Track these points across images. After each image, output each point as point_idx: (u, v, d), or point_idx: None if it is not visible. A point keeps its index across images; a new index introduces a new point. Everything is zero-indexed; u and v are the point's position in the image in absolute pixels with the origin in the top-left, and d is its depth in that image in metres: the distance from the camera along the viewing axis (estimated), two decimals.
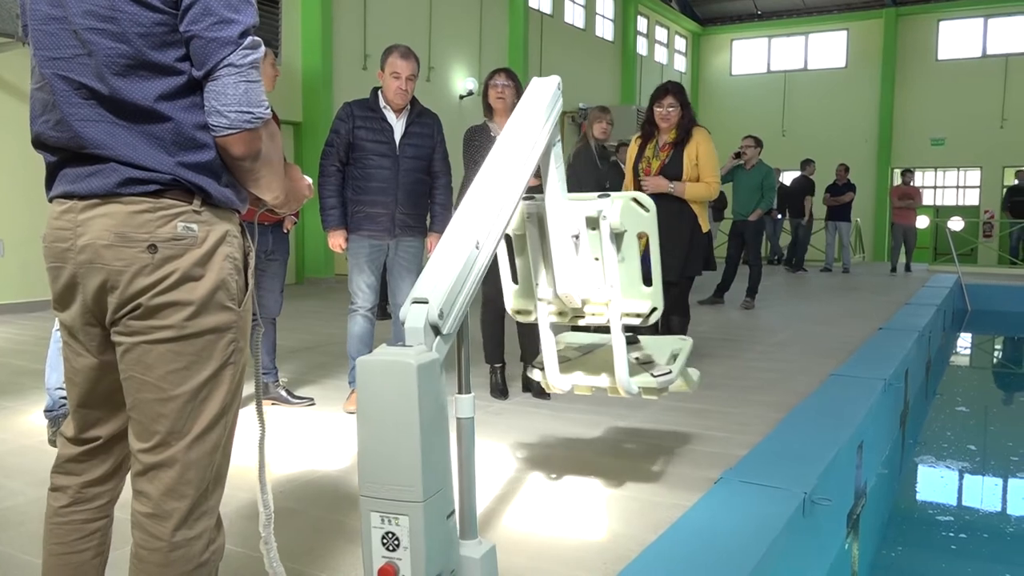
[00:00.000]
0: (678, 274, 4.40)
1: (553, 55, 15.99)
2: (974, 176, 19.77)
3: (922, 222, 13.16)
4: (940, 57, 19.87)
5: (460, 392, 1.80)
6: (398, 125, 3.87)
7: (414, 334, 1.60)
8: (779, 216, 13.55)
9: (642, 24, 20.05)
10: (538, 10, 15.89)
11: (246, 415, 1.73)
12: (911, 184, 13.21)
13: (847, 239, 13.54)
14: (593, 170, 5.44)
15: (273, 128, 1.45)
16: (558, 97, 2.36)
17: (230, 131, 1.38)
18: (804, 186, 12.94)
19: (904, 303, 8.51)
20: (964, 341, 10.09)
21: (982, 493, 4.52)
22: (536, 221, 2.58)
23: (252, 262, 1.53)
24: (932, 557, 3.63)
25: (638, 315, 2.54)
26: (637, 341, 2.95)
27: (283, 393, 4.07)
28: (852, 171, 13.42)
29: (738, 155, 8.48)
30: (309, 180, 1.71)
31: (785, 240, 14.30)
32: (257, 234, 1.93)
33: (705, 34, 22.64)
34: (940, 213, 18.34)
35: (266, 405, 3.87)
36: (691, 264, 4.47)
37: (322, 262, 10.80)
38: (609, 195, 2.48)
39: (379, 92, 3.90)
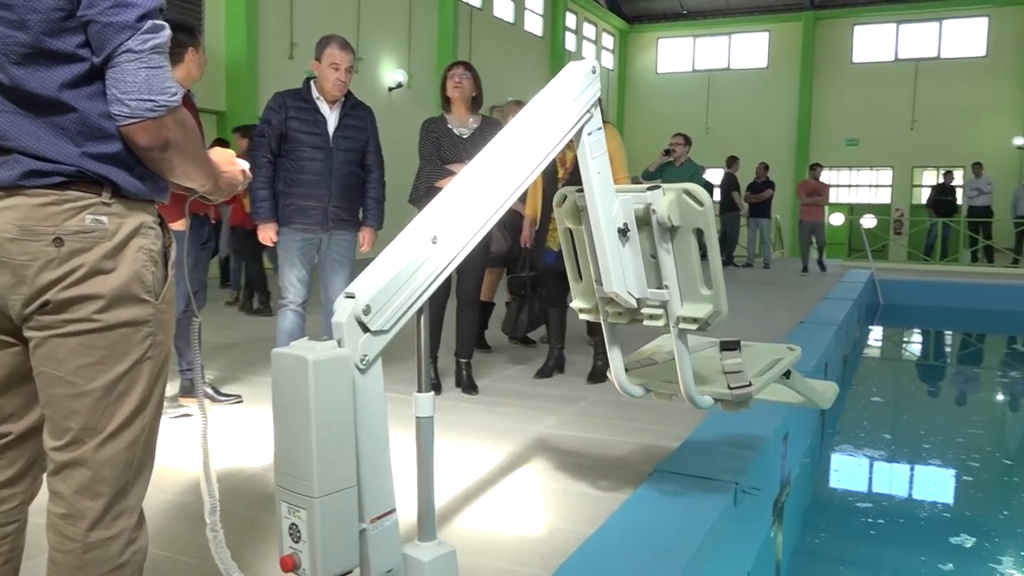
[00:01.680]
0: None
1: (483, 49, 15.97)
2: (886, 175, 20.60)
3: (836, 219, 13.67)
4: (855, 60, 20.62)
5: (419, 391, 1.77)
6: (331, 117, 3.81)
7: (337, 329, 1.58)
8: None
9: (571, 20, 20.20)
10: (467, 3, 15.85)
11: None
12: (819, 179, 12.58)
13: (767, 235, 13.93)
14: None
15: (184, 115, 1.38)
16: (591, 82, 2.18)
17: (132, 120, 1.32)
18: (731, 182, 13.28)
19: (822, 298, 8.81)
20: (877, 334, 10.51)
21: (896, 480, 4.72)
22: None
23: (173, 254, 1.49)
24: (851, 542, 3.77)
25: (695, 320, 2.28)
26: (736, 348, 2.66)
27: (209, 391, 3.96)
28: (772, 169, 13.81)
29: (668, 152, 8.63)
30: (245, 166, 1.66)
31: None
32: (191, 224, 1.87)
33: (632, 32, 22.95)
34: (854, 211, 19.04)
35: (191, 403, 3.76)
36: None
37: None
38: (659, 186, 2.28)
39: (312, 83, 3.82)
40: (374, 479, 1.62)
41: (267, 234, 3.81)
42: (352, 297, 1.60)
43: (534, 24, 18.77)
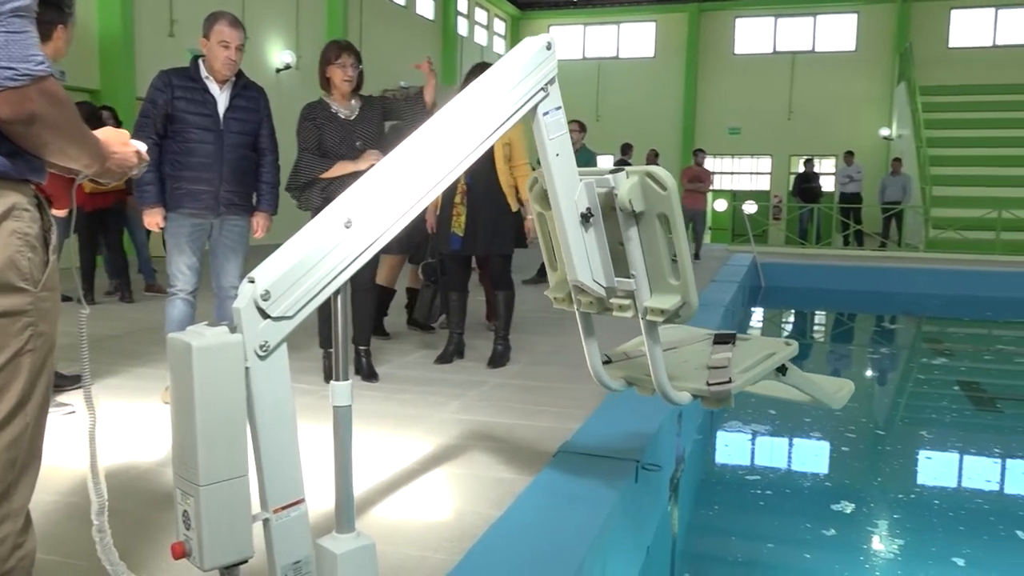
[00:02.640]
0: (485, 250, 4.57)
1: (373, 31, 15.70)
2: (765, 163, 21.52)
3: (720, 205, 14.19)
4: (737, 52, 21.40)
5: (336, 379, 1.72)
6: (222, 98, 3.65)
7: (236, 314, 1.53)
8: None
9: (463, 5, 20.11)
10: None
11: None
12: (702, 165, 12.53)
13: None
14: None
15: (54, 87, 1.27)
16: (545, 59, 2.06)
17: None
18: None
19: (709, 280, 9.14)
20: (760, 315, 10.99)
21: (781, 453, 4.96)
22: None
23: (53, 238, 1.39)
24: (741, 514, 3.94)
25: (662, 311, 2.17)
26: (729, 341, 2.60)
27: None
28: (661, 157, 14.19)
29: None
30: (140, 147, 1.57)
31: None
32: (75, 207, 1.76)
33: (524, 18, 23.07)
34: (737, 197, 19.82)
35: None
36: (499, 241, 4.55)
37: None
38: (623, 168, 2.17)
39: (200, 61, 3.66)
40: (278, 469, 1.58)
41: (153, 219, 3.64)
42: (253, 282, 1.55)
43: (426, 8, 18.59)
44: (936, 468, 4.69)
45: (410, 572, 2.13)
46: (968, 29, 19.83)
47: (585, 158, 8.77)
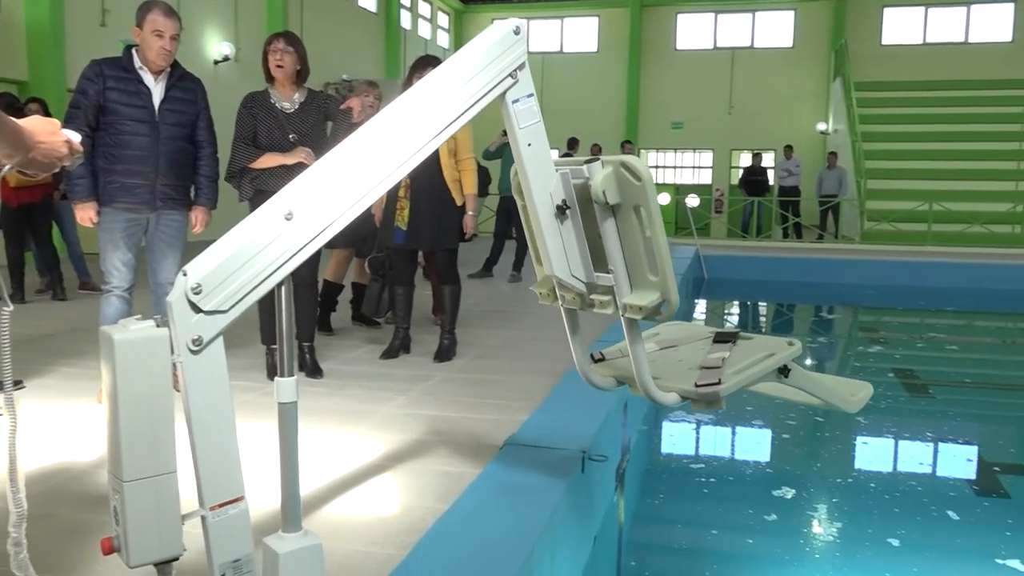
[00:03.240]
0: (429, 244, 4.53)
1: (315, 23, 15.47)
2: (707, 157, 21.84)
3: (663, 199, 14.32)
4: (679, 47, 21.65)
5: (281, 375, 1.68)
6: (157, 89, 3.55)
7: (168, 308, 1.51)
8: None
9: None
10: None
11: None
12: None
13: None
14: None
15: None
16: (512, 43, 1.95)
17: None
18: None
19: None
20: (703, 306, 11.17)
21: (724, 441, 5.05)
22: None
23: None
24: (686, 502, 4.00)
25: (640, 308, 2.07)
26: (730, 340, 2.49)
27: None
28: (604, 151, 14.30)
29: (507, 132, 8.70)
30: (71, 136, 1.52)
31: None
32: None
33: (467, 12, 22.99)
34: (680, 191, 20.09)
35: None
36: (443, 235, 4.52)
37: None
38: (598, 158, 2.07)
39: (134, 51, 3.55)
40: (214, 465, 1.55)
41: (86, 214, 3.53)
42: (187, 275, 1.51)
43: (368, 0, 18.39)
44: (872, 453, 4.82)
45: (356, 568, 2.11)
46: (900, 27, 20.40)
47: None
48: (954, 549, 3.43)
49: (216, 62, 12.89)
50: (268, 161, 3.94)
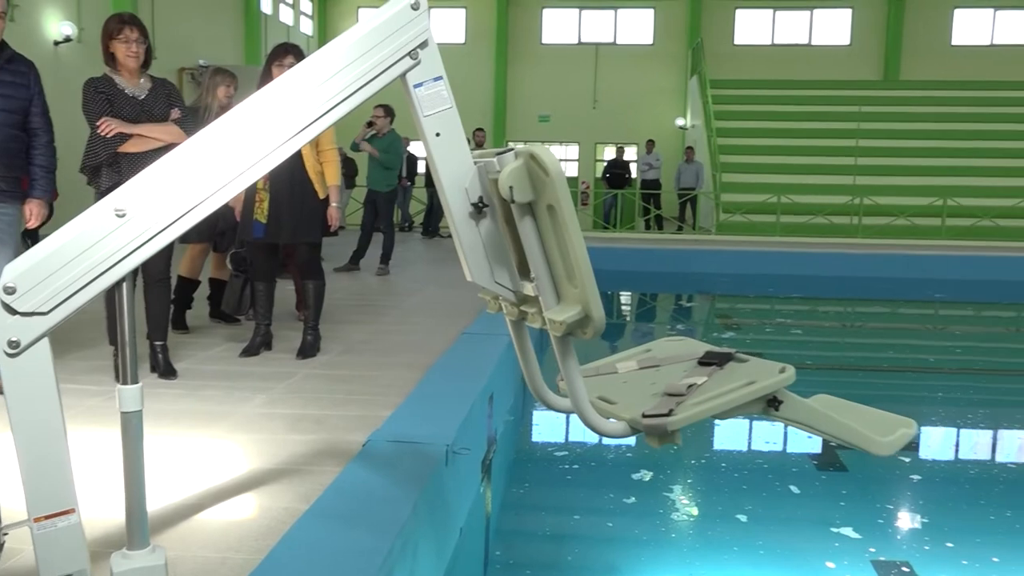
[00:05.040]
0: (290, 238, 4.43)
1: (167, 5, 14.70)
2: (573, 151, 22.30)
3: None
4: (544, 41, 21.97)
5: (124, 382, 1.58)
6: None
7: None
8: (409, 183, 14.08)
9: None
10: None
11: None
12: (482, 147, 11.72)
13: None
14: None
15: None
16: (409, 20, 1.73)
17: None
18: None
19: None
20: None
21: (585, 430, 5.19)
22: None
23: None
24: (551, 489, 4.10)
25: (561, 323, 1.81)
26: (716, 363, 2.21)
27: None
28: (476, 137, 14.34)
29: (371, 124, 8.59)
30: None
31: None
32: None
33: None
34: None
35: None
36: (304, 229, 4.41)
37: None
38: (512, 148, 1.85)
39: None
40: (40, 474, 1.46)
41: None
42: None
43: None
44: (723, 433, 5.08)
45: (210, 575, 2.04)
46: (751, 28, 21.49)
47: (387, 142, 8.65)
48: (795, 520, 3.67)
49: (56, 43, 12.03)
50: (141, 144, 3.71)
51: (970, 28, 20.79)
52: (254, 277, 4.63)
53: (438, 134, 1.86)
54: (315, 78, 1.65)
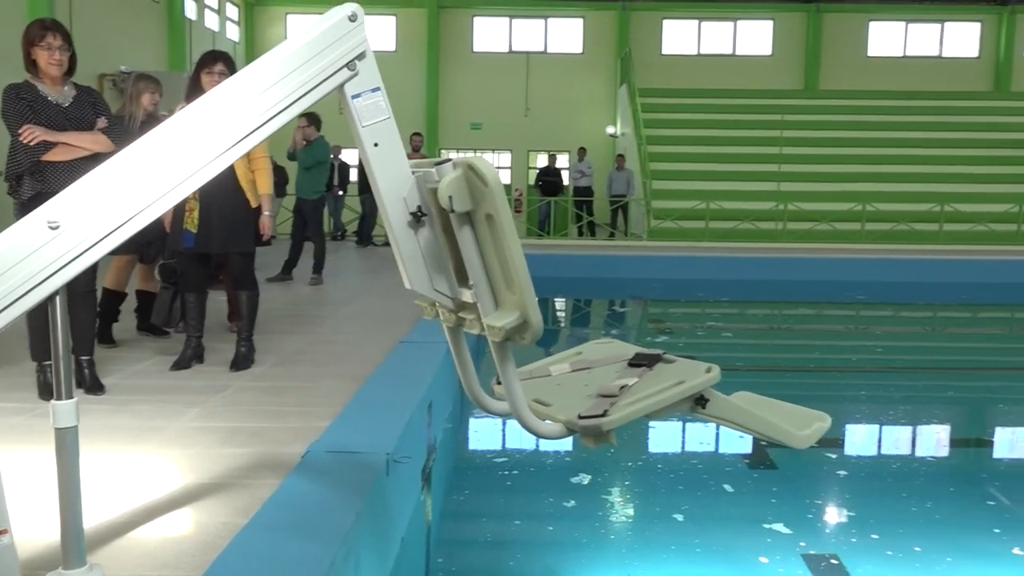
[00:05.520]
0: (221, 247, 4.36)
1: (86, 9, 14.25)
2: (506, 158, 22.41)
3: None
4: (475, 50, 22.04)
5: (58, 398, 1.53)
6: None
7: None
8: (340, 192, 13.94)
9: None
10: None
11: None
12: (419, 151, 11.26)
13: None
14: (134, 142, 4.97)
15: None
16: (347, 31, 1.76)
17: None
18: None
19: None
20: None
21: (525, 434, 5.23)
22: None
23: None
24: (492, 496, 4.12)
25: (499, 329, 1.85)
26: (645, 364, 2.28)
27: None
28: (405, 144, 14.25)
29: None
30: None
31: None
32: None
33: (259, 4, 22.11)
34: None
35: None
36: (236, 239, 4.34)
37: None
38: (450, 159, 1.87)
39: None
40: None
41: None
42: None
43: None
44: (658, 435, 5.18)
45: None
46: (678, 38, 21.95)
47: (322, 152, 8.56)
48: (729, 518, 3.77)
49: None
50: (68, 151, 3.60)
51: (884, 40, 21.67)
52: (185, 288, 4.53)
53: (376, 144, 1.88)
54: (253, 89, 1.64)
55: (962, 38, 21.65)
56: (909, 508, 3.88)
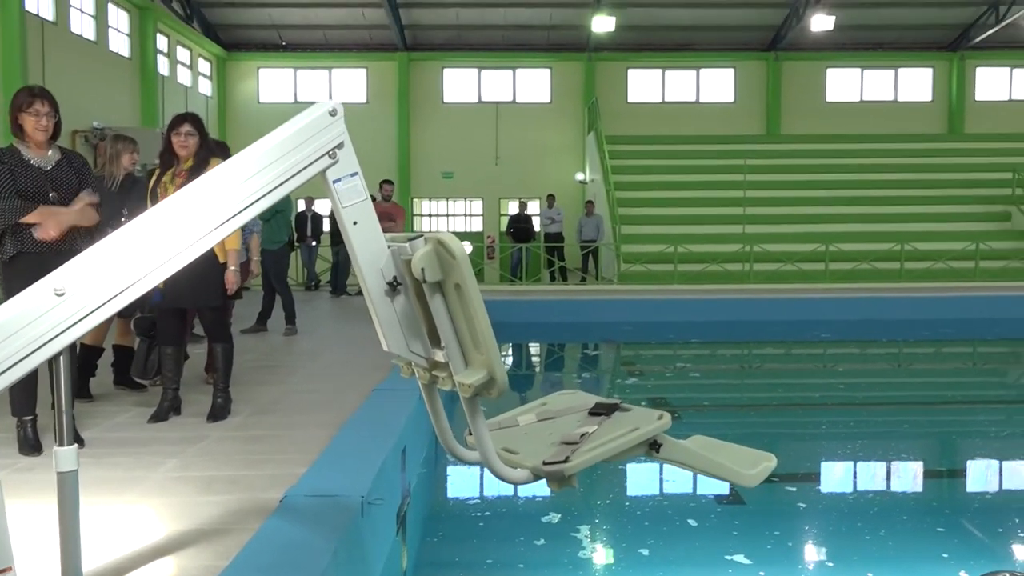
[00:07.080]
0: (191, 302, 4.48)
1: (59, 67, 14.43)
2: (478, 206, 22.72)
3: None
4: (446, 100, 22.47)
5: (59, 444, 1.66)
6: None
7: None
8: (314, 243, 14.08)
9: (162, 43, 19.11)
10: (37, 15, 14.21)
11: None
12: (391, 200, 10.99)
13: None
14: (114, 203, 5.07)
15: None
16: (327, 125, 2.00)
17: None
18: None
19: None
20: None
21: (495, 480, 5.34)
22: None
23: None
24: (465, 539, 4.22)
25: (469, 385, 2.05)
26: (604, 412, 2.49)
27: None
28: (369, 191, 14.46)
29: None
30: None
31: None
32: None
33: (231, 59, 22.42)
34: None
35: None
36: (204, 293, 4.42)
37: None
38: (421, 235, 2.10)
39: None
40: None
41: None
42: None
43: (120, 44, 17.41)
44: (627, 474, 5.32)
45: None
46: (643, 86, 22.55)
47: (278, 202, 8.67)
48: (694, 552, 3.91)
49: None
50: (43, 216, 3.72)
51: (842, 86, 22.41)
52: (161, 341, 4.63)
53: (355, 223, 2.09)
54: (240, 175, 1.88)
55: (916, 83, 22.46)
56: (863, 537, 4.04)
